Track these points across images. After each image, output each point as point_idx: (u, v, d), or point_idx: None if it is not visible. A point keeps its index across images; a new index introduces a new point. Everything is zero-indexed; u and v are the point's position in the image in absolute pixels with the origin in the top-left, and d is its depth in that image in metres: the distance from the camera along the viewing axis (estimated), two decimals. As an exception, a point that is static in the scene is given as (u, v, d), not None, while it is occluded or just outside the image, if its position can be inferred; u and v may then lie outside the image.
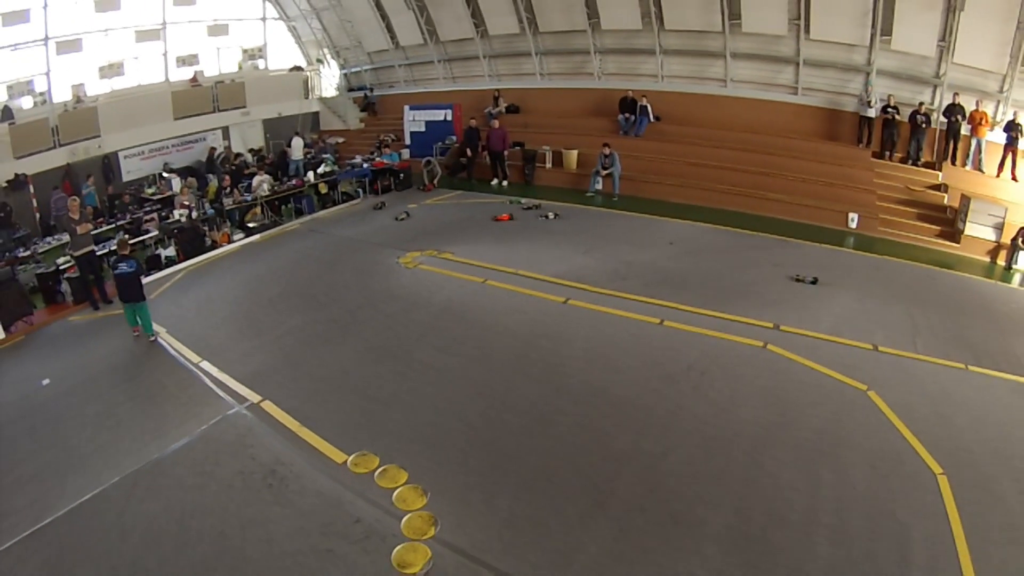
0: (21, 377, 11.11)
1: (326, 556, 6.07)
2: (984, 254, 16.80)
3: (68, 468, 7.98)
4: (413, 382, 9.32)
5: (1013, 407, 9.16)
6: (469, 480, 7.18)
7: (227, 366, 10.27)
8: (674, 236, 16.27)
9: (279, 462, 7.59)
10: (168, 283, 15.15)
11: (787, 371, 9.78)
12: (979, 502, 7.11)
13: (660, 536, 6.46)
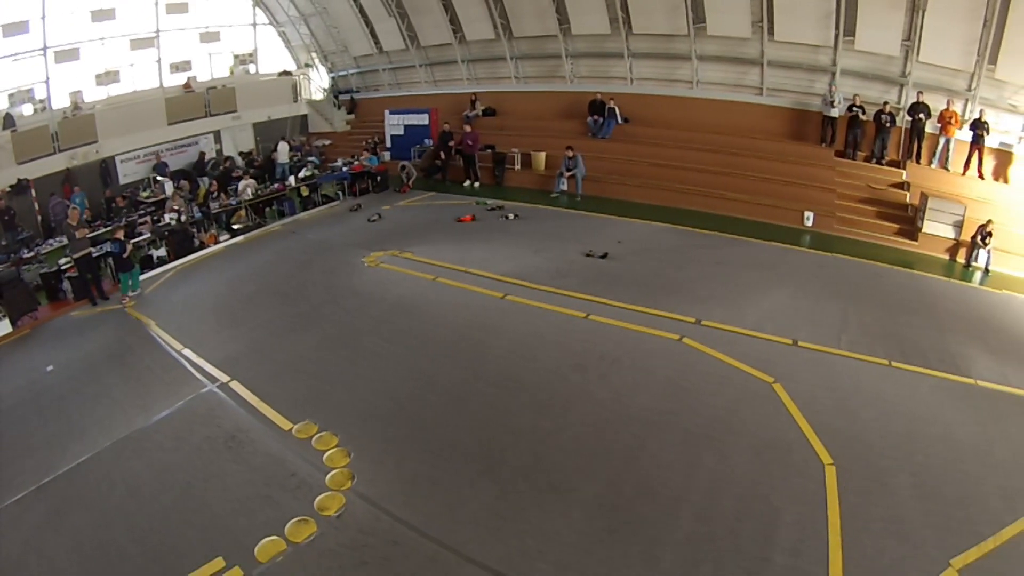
0: (29, 365, 12.98)
1: (266, 501, 7.90)
2: (943, 252, 17.54)
3: (69, 437, 9.83)
4: (358, 367, 11.10)
5: (928, 403, 9.95)
6: (387, 446, 8.92)
7: (205, 352, 12.09)
8: (625, 236, 17.66)
9: (239, 429, 9.45)
10: (159, 281, 17.03)
11: (695, 363, 10.85)
12: (865, 493, 7.87)
13: (536, 499, 7.71)
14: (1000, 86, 18.25)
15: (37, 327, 15.31)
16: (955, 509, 7.62)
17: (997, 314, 13.74)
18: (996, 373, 10.87)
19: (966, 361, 11.21)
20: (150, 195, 24.18)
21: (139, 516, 7.90)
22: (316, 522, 7.44)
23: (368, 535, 7.22)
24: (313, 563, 6.87)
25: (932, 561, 6.87)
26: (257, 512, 7.67)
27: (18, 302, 15.75)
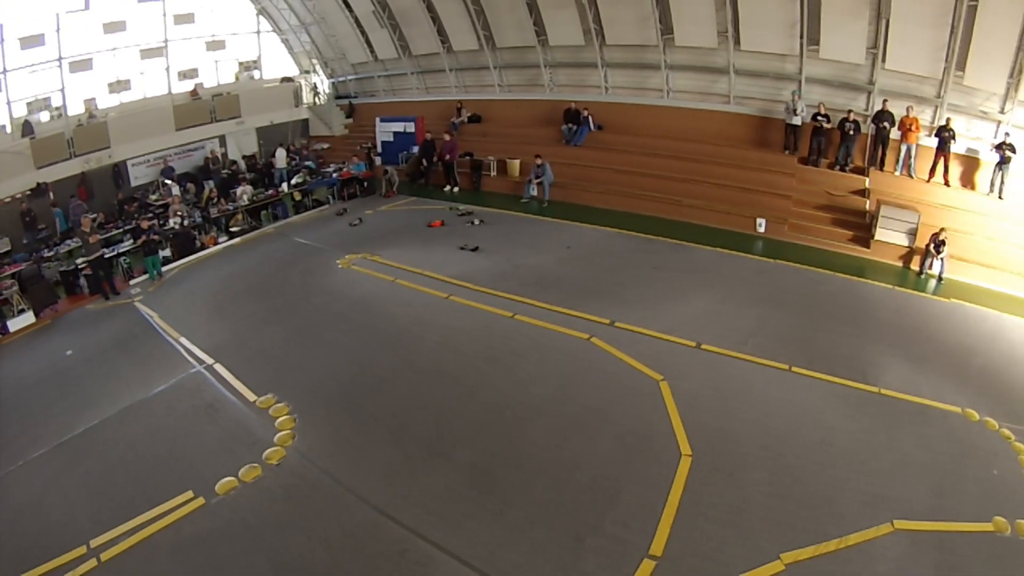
0: (50, 350, 16.08)
1: (229, 453, 10.74)
2: (896, 259, 18.37)
3: (84, 406, 12.80)
4: (314, 353, 13.95)
5: (817, 408, 11.08)
6: (324, 415, 11.66)
7: (196, 340, 15.04)
8: (576, 241, 20.00)
9: (216, 400, 12.39)
10: (164, 278, 20.15)
11: (594, 360, 12.65)
12: (712, 484, 9.16)
13: (425, 462, 9.97)
14: (971, 92, 18.98)
15: (57, 318, 18.40)
16: (804, 509, 8.79)
17: (934, 323, 14.71)
18: (907, 382, 11.91)
19: (877, 369, 12.33)
20: (158, 198, 27.22)
21: (135, 464, 10.83)
22: (262, 468, 10.30)
23: (297, 479, 10.06)
24: (255, 496, 9.74)
25: (760, 552, 8.04)
26: (221, 460, 10.57)
27: (40, 296, 18.91)
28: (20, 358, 16.10)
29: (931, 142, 19.55)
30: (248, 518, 9.26)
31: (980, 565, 8.06)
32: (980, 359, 13.11)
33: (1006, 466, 9.89)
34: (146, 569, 8.52)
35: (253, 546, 8.72)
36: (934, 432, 10.69)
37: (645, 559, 8.01)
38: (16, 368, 15.42)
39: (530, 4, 26.13)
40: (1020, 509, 8.96)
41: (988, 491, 9.38)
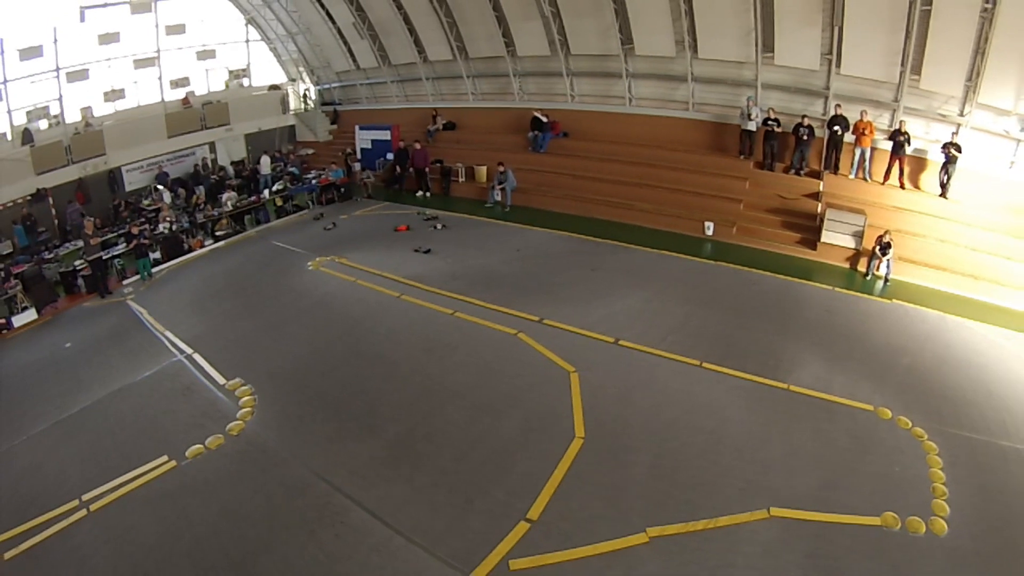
0: (51, 342, 18.65)
1: (199, 426, 13.11)
2: (843, 261, 19.30)
3: (79, 390, 15.27)
4: (278, 344, 16.37)
5: (717, 401, 12.36)
6: (282, 396, 13.94)
7: (179, 333, 17.52)
8: (528, 244, 22.10)
9: (192, 383, 14.85)
10: (155, 278, 22.72)
11: (517, 353, 14.45)
12: (597, 463, 10.63)
13: (355, 434, 11.99)
14: (929, 96, 19.80)
15: (57, 314, 20.96)
16: (680, 491, 9.98)
17: (867, 323, 15.68)
18: (819, 380, 12.91)
19: (791, 367, 13.39)
20: (150, 203, 29.72)
21: (121, 435, 13.29)
22: (224, 438, 12.71)
23: (251, 446, 12.48)
24: (217, 460, 12.16)
25: (628, 524, 9.31)
26: (192, 432, 12.99)
27: (42, 294, 21.43)
28: (24, 350, 18.64)
29: (887, 145, 20.40)
30: (209, 477, 11.67)
31: (857, 557, 8.87)
32: (908, 359, 14.01)
33: (911, 463, 10.65)
34: (126, 517, 10.90)
35: (211, 498, 11.13)
36: (836, 428, 11.65)
37: (522, 521, 9.61)
38: (20, 359, 17.98)
39: (499, 17, 28.29)
40: (916, 506, 9.72)
41: (884, 487, 10.19)
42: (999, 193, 19.10)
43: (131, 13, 32.37)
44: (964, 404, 12.29)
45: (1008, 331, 15.38)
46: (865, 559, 8.86)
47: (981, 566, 8.74)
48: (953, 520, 9.49)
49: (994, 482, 10.30)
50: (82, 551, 10.20)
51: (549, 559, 9.00)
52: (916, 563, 8.79)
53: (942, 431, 11.50)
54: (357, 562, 9.37)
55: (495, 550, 9.18)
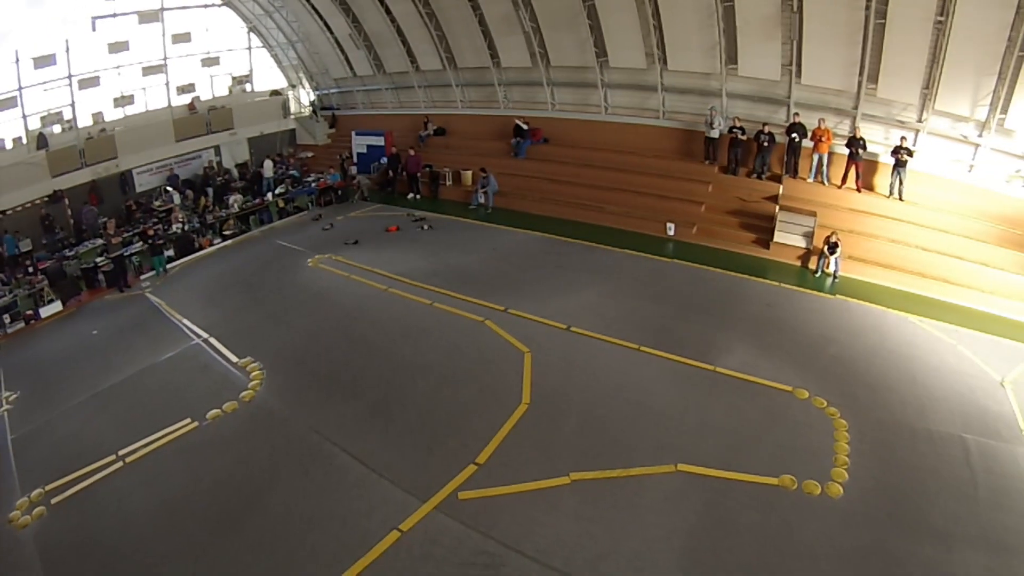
0: (77, 331, 21.79)
1: (216, 395, 16.15)
2: (795, 259, 20.68)
3: (108, 369, 18.36)
4: (280, 329, 19.38)
5: (645, 378, 14.48)
6: (285, 371, 16.98)
7: (195, 320, 20.57)
8: (503, 244, 24.48)
9: (209, 361, 17.93)
10: (169, 274, 26.00)
11: (482, 336, 16.98)
12: (536, 423, 13.06)
13: (343, 398, 14.72)
14: (888, 103, 21.20)
15: (81, 307, 24.15)
16: (601, 447, 12.24)
17: (804, 317, 17.35)
18: (746, 364, 14.65)
19: (721, 353, 15.26)
20: (161, 204, 32.87)
21: (149, 404, 16.36)
22: (238, 403, 15.79)
23: (260, 410, 15.58)
24: (231, 420, 15.28)
25: (555, 470, 11.67)
26: (211, 400, 16.04)
27: (66, 289, 24.57)
28: (54, 338, 21.85)
29: (845, 151, 21.84)
30: (226, 433, 14.83)
31: (749, 509, 10.62)
32: (836, 348, 15.50)
33: (818, 437, 12.26)
34: (156, 466, 13.91)
35: (226, 449, 14.24)
36: (752, 405, 13.33)
37: (471, 464, 12.20)
38: (52, 345, 21.13)
39: (484, 30, 31.00)
40: (815, 472, 11.31)
41: (787, 454, 11.81)
42: (956, 196, 20.54)
43: (139, 23, 34.95)
44: (885, 390, 13.74)
45: (949, 326, 16.71)
46: (755, 511, 10.56)
47: (867, 525, 10.21)
48: (849, 486, 11.03)
49: (897, 457, 11.73)
50: (120, 493, 13.15)
51: (490, 492, 11.54)
52: (805, 518, 10.39)
53: (856, 411, 12.97)
54: (341, 493, 12.28)
55: (448, 485, 11.80)
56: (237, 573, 10.74)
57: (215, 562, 10.83)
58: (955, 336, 16.22)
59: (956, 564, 9.55)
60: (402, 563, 10.31)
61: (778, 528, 10.32)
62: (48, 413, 16.64)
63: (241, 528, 11.75)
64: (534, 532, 10.63)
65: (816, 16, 21.02)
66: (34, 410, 16.96)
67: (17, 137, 32.78)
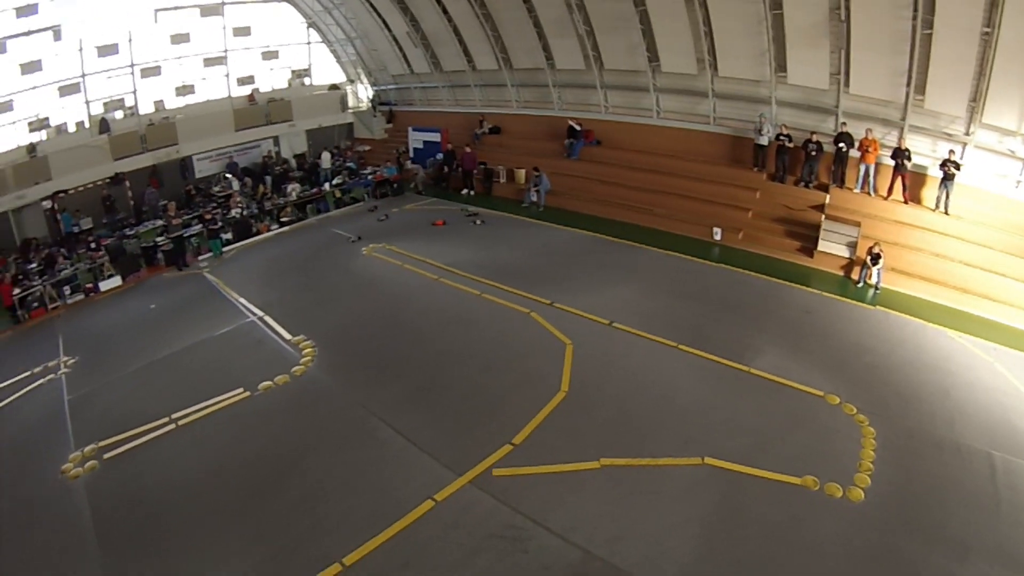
0: (136, 304, 22.86)
1: (269, 369, 16.87)
2: (838, 269, 20.49)
3: (164, 342, 19.18)
4: (334, 313, 20.10)
5: (677, 374, 14.85)
6: (335, 350, 17.68)
7: (251, 299, 21.44)
8: (552, 241, 24.77)
9: (264, 338, 18.70)
10: (227, 255, 27.00)
11: (526, 327, 17.49)
12: (572, 412, 13.55)
13: (389, 379, 15.48)
14: (935, 115, 20.54)
15: (140, 283, 25.26)
16: (631, 437, 12.66)
17: (842, 325, 17.24)
18: (778, 368, 14.71)
19: (755, 354, 15.35)
20: (220, 190, 33.94)
21: (204, 374, 17.13)
22: (289, 377, 16.47)
23: (310, 384, 16.26)
24: (282, 392, 15.96)
25: (587, 454, 12.21)
26: (264, 372, 16.74)
27: (125, 265, 25.78)
28: (112, 309, 22.97)
29: (892, 162, 21.23)
30: (275, 404, 15.49)
31: (765, 504, 10.86)
32: (871, 358, 15.34)
33: (845, 442, 12.31)
34: (208, 429, 14.67)
35: (275, 418, 14.94)
36: (780, 405, 13.49)
37: (507, 444, 12.75)
38: (111, 316, 22.23)
39: (539, 32, 31.32)
40: (838, 475, 11.36)
41: (813, 456, 11.88)
42: (1002, 211, 19.82)
43: (201, 16, 36.79)
44: (916, 401, 13.55)
45: (988, 343, 16.22)
46: (771, 507, 10.81)
47: (883, 529, 10.25)
48: (871, 491, 11.00)
49: (921, 466, 11.65)
50: (170, 452, 13.99)
51: (522, 471, 12.11)
52: (821, 518, 10.54)
53: (885, 420, 12.90)
54: (381, 463, 12.87)
55: (483, 461, 12.41)
56: (276, 530, 11.42)
57: (256, 519, 11.66)
58: (993, 354, 15.78)
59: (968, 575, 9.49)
60: (433, 530, 10.95)
61: (792, 524, 10.52)
62: (105, 378, 17.55)
63: (283, 490, 12.47)
64: (560, 510, 11.16)
65: (863, 25, 20.65)
66: (91, 374, 17.90)
67: (80, 121, 34.40)
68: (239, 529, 11.44)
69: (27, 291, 23.43)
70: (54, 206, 30.41)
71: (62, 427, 15.44)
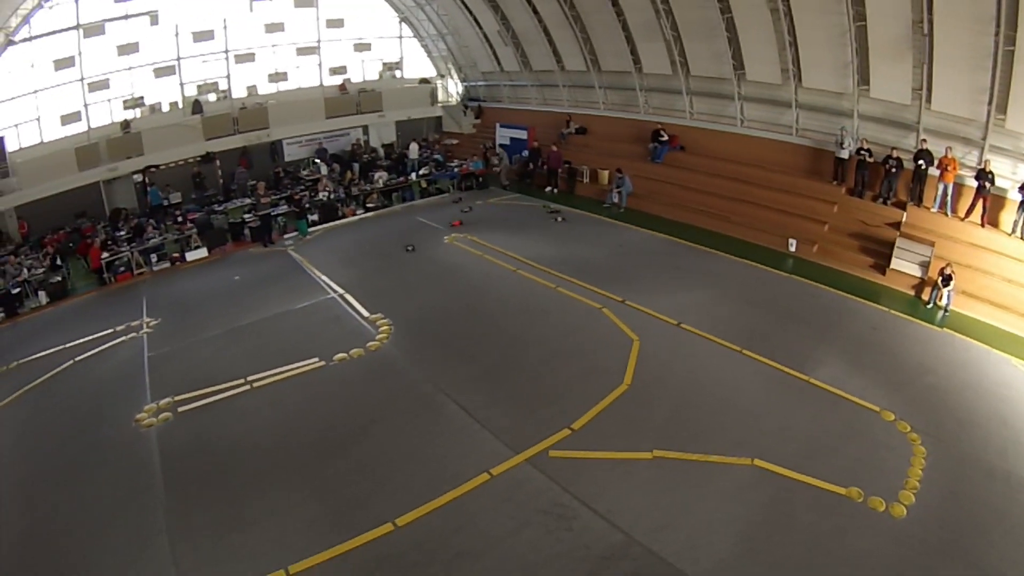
0: (221, 276, 23.89)
1: (345, 342, 17.54)
2: (909, 288, 20.10)
3: (246, 311, 20.05)
4: (413, 295, 20.63)
5: (739, 377, 15.04)
6: (411, 330, 18.32)
7: (333, 277, 22.34)
8: (630, 242, 25.03)
9: (342, 314, 19.38)
10: (312, 236, 27.92)
11: (595, 321, 18.00)
12: (631, 404, 14.05)
13: (460, 360, 16.22)
14: (1017, 136, 19.70)
15: (225, 256, 26.31)
16: (687, 433, 12.95)
17: (907, 344, 16.86)
18: (838, 380, 14.72)
19: (817, 365, 15.32)
20: (308, 174, 35.20)
21: (282, 343, 17.89)
22: (364, 351, 17.11)
23: (384, 358, 16.88)
24: (356, 364, 16.60)
25: (641, 445, 12.65)
26: (339, 345, 17.39)
27: (212, 238, 26.93)
28: (197, 278, 24.03)
29: (973, 182, 20.44)
30: (348, 375, 16.16)
31: (808, 510, 10.97)
32: (932, 378, 14.99)
33: (895, 459, 12.19)
34: (281, 392, 15.51)
35: (346, 387, 15.65)
36: (836, 417, 13.52)
37: (566, 429, 13.29)
38: (196, 284, 23.30)
39: (627, 35, 31.52)
40: (884, 490, 11.28)
41: (861, 469, 11.86)
42: None
43: (295, 6, 38.24)
44: (972, 425, 13.20)
45: None
46: (814, 513, 10.92)
47: (920, 549, 10.17)
48: (913, 509, 10.90)
49: (969, 491, 11.39)
50: (243, 410, 14.89)
51: (578, 454, 12.62)
52: (860, 530, 10.51)
53: (938, 441, 12.69)
54: (444, 436, 13.52)
55: (541, 442, 12.99)
56: (336, 489, 12.12)
57: (319, 476, 12.50)
58: (1057, 386, 15.02)
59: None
60: (486, 501, 11.58)
61: (833, 534, 10.55)
62: (185, 339, 18.65)
63: (347, 452, 13.18)
64: (608, 494, 11.55)
65: (946, 40, 20.07)
66: (172, 335, 18.99)
67: (174, 102, 36.24)
68: (301, 484, 12.27)
69: (115, 256, 24.85)
70: (145, 180, 32.22)
71: (140, 381, 16.49)
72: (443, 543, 10.67)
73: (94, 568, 10.62)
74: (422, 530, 11.00)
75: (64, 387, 16.77)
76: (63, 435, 14.55)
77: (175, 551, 10.83)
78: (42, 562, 10.83)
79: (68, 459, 13.67)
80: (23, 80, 29.49)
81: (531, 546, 10.54)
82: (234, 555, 10.66)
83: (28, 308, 22.95)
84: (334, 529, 11.03)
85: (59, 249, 26.36)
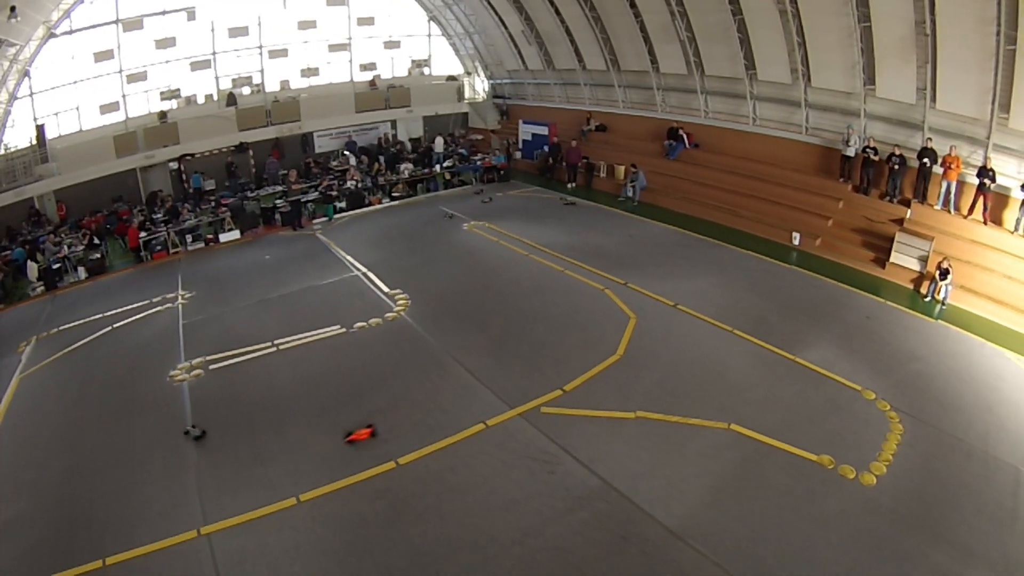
0: (253, 255, 25.89)
1: (366, 313, 19.28)
2: (908, 282, 20.53)
3: (277, 285, 21.91)
4: (432, 275, 22.25)
5: (729, 354, 15.96)
6: (427, 304, 19.97)
7: (358, 257, 24.12)
8: (640, 232, 26.26)
9: (364, 290, 21.20)
10: (339, 221, 29.78)
11: (596, 300, 19.32)
12: (622, 372, 15.31)
13: (470, 330, 17.86)
14: (1020, 135, 19.82)
15: (257, 238, 28.21)
16: (672, 399, 14.07)
17: (899, 333, 17.28)
18: (825, 361, 15.38)
19: (806, 347, 16.02)
20: (337, 165, 37.00)
21: (308, 312, 19.65)
22: (383, 321, 18.83)
23: (400, 327, 18.56)
24: (373, 332, 18.31)
25: (626, 406, 13.85)
26: (360, 315, 19.09)
27: (245, 221, 28.75)
28: (230, 257, 26.04)
29: (976, 180, 20.55)
30: (367, 340, 17.94)
31: (779, 473, 11.79)
32: (920, 365, 15.43)
33: (871, 433, 12.77)
34: (304, 353, 17.28)
35: (365, 349, 17.41)
36: (818, 392, 14.23)
37: (559, 390, 14.70)
38: (229, 262, 25.28)
39: (645, 36, 32.69)
40: (856, 460, 11.92)
41: (836, 440, 12.52)
42: None
43: (327, 4, 39.97)
44: (955, 410, 13.53)
45: None
46: (784, 475, 11.73)
47: (889, 517, 10.68)
48: (884, 480, 11.45)
49: (944, 470, 11.78)
50: (269, 368, 16.71)
51: (567, 411, 14.05)
52: (829, 494, 11.21)
53: (918, 420, 13.13)
54: (449, 392, 15.18)
55: (535, 400, 14.48)
56: (351, 429, 13.75)
57: (334, 421, 14.15)
58: (1052, 381, 15.26)
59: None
60: (480, 447, 13.15)
61: (802, 495, 11.31)
62: (218, 309, 20.46)
63: (362, 403, 14.90)
64: (591, 446, 12.86)
65: (949, 40, 20.45)
66: (206, 306, 20.80)
67: (209, 94, 38.32)
68: (317, 427, 14.01)
69: (152, 236, 26.92)
70: (181, 167, 34.35)
71: (175, 344, 18.34)
72: (438, 479, 12.20)
73: (126, 495, 12.25)
74: (420, 468, 12.55)
75: (103, 350, 18.56)
76: (102, 389, 16.31)
77: (199, 481, 12.52)
78: (81, 490, 12.51)
79: (107, 409, 15.35)
80: (64, 71, 31.71)
81: (516, 485, 11.93)
82: (252, 485, 12.27)
83: (68, 283, 24.83)
84: (343, 465, 12.66)
85: (97, 230, 28.58)
